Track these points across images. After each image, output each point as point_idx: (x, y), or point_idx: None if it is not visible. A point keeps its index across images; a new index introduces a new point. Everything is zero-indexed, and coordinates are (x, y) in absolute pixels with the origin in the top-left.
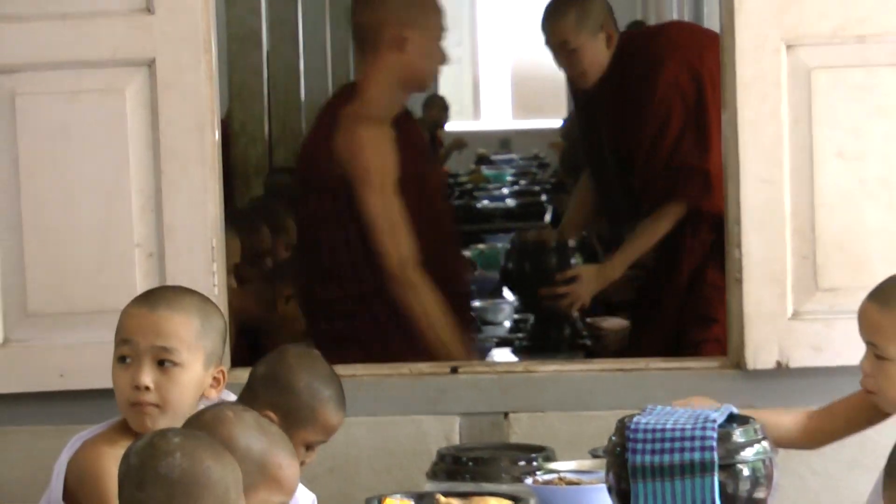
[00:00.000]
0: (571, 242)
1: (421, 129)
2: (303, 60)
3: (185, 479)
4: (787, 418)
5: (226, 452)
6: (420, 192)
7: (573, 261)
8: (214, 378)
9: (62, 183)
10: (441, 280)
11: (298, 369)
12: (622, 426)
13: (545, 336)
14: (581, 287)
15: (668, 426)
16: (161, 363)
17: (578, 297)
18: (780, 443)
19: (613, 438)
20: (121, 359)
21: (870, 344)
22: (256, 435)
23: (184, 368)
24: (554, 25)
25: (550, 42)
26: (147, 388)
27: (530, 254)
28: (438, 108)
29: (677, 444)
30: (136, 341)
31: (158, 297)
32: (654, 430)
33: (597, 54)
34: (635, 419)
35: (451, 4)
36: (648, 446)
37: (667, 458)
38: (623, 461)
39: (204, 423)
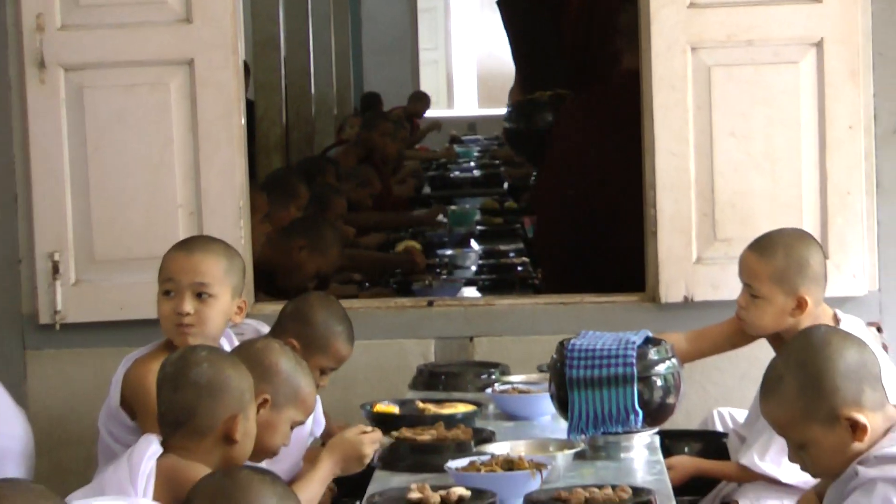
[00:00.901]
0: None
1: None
2: (312, 62)
3: (210, 384)
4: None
5: (242, 365)
6: None
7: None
8: (238, 307)
9: (120, 157)
10: None
11: (318, 308)
12: (561, 347)
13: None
14: None
15: (598, 347)
16: (199, 295)
17: None
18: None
19: (554, 357)
20: (166, 293)
21: (746, 285)
22: (294, 365)
23: (216, 299)
24: None
25: None
26: (188, 314)
27: (532, 110)
28: (422, 102)
29: (605, 361)
30: (178, 279)
31: (193, 244)
32: (586, 350)
33: None
34: (572, 342)
35: (429, 18)
36: (582, 363)
37: (596, 372)
38: (562, 375)
39: (255, 350)
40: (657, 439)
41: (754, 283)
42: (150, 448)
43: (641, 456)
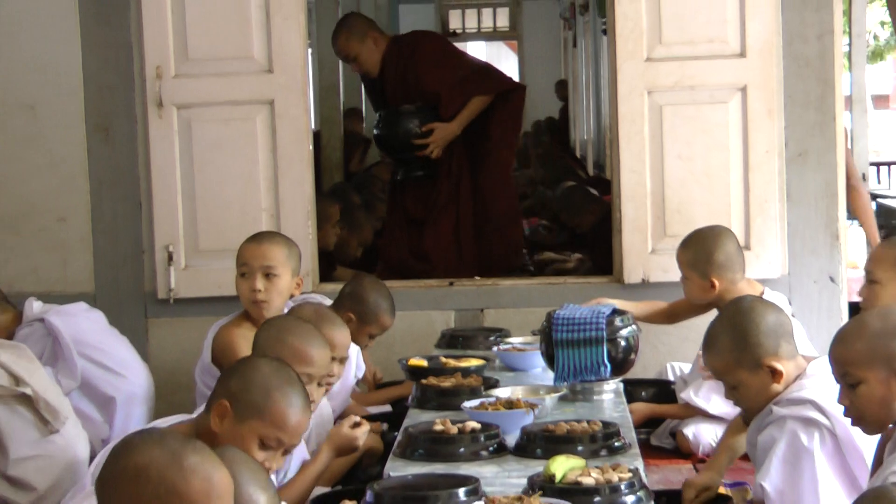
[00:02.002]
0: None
1: None
2: (363, 103)
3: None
4: (651, 307)
5: (307, 326)
6: None
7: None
8: (296, 283)
9: (218, 173)
10: None
11: (370, 290)
12: (550, 316)
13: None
14: (438, 136)
15: (577, 316)
16: (267, 276)
17: (437, 146)
18: (650, 319)
19: (544, 323)
20: (242, 274)
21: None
22: (329, 323)
23: (280, 278)
24: (336, 47)
25: (341, 58)
26: (259, 291)
27: (396, 119)
28: None
29: (582, 327)
30: (251, 263)
31: (261, 236)
32: (568, 319)
33: (371, 53)
34: (557, 312)
35: None
36: (565, 328)
37: (575, 335)
38: (550, 337)
39: (305, 312)
40: (621, 386)
41: (680, 268)
42: None
43: (609, 399)
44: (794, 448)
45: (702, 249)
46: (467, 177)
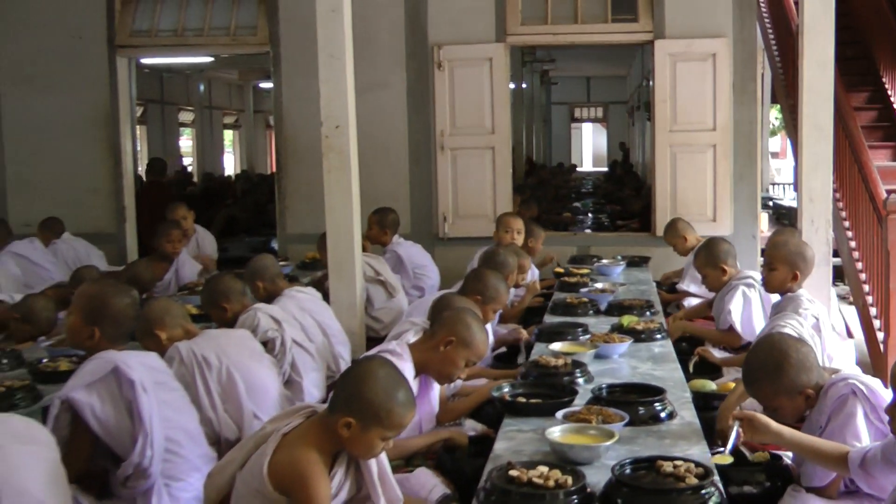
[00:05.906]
0: None
1: None
2: (536, 145)
3: None
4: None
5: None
6: None
7: None
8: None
9: (469, 180)
10: None
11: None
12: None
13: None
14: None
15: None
16: (518, 232)
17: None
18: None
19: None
20: (506, 231)
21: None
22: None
23: (522, 234)
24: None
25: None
26: (514, 240)
27: None
28: (574, 167)
29: None
30: (512, 227)
31: (515, 214)
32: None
33: None
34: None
35: (576, 130)
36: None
37: None
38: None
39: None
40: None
41: (672, 241)
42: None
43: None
44: (742, 296)
45: (674, 229)
46: None
